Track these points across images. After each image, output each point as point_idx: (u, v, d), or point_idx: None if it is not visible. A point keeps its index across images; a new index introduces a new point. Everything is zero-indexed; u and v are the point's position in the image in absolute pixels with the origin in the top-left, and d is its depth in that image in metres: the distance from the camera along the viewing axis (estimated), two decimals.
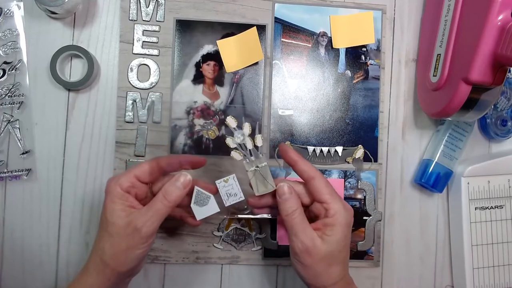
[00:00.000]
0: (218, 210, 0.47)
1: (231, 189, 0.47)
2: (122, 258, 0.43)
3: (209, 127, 0.47)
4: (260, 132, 0.47)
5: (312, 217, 0.48)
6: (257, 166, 0.47)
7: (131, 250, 0.43)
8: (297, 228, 0.44)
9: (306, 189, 0.48)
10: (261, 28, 0.58)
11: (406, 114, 0.61)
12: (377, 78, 0.60)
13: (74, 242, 0.55)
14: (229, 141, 0.47)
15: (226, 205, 0.47)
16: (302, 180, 0.48)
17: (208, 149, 0.57)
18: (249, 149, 0.47)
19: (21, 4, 0.55)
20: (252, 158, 0.47)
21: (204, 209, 0.46)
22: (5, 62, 0.55)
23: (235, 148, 0.47)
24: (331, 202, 0.45)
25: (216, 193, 0.47)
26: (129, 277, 0.46)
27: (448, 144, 0.59)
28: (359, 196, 0.59)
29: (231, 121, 0.47)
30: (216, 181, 0.46)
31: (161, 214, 0.44)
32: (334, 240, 0.44)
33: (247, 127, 0.47)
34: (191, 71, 0.57)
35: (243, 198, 0.47)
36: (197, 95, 0.57)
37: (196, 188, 0.46)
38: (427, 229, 0.61)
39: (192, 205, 0.46)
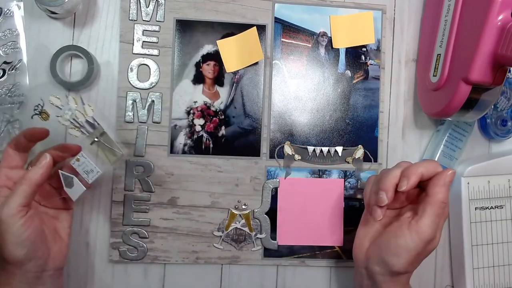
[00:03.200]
0: (84, 189, 0.48)
1: (86, 166, 0.48)
2: (4, 248, 0.44)
3: (36, 109, 0.48)
4: (84, 103, 0.48)
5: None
6: (97, 137, 0.48)
7: (5, 238, 0.43)
8: (431, 215, 0.46)
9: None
10: (261, 28, 0.58)
11: (406, 114, 0.61)
12: (377, 78, 0.60)
13: (74, 242, 0.55)
14: (61, 120, 0.47)
15: (90, 183, 0.48)
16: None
17: (208, 149, 0.57)
18: (84, 122, 0.47)
19: (21, 4, 0.55)
20: (91, 130, 0.48)
21: (74, 190, 0.48)
22: (5, 62, 0.55)
23: (73, 127, 0.47)
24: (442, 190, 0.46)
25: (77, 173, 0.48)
26: (40, 271, 0.46)
27: (448, 144, 0.59)
28: (359, 196, 0.59)
29: (54, 100, 0.47)
30: (70, 163, 0.48)
31: (21, 194, 0.44)
32: (438, 226, 0.47)
33: (72, 101, 0.48)
34: (191, 71, 0.57)
35: (100, 171, 0.48)
36: (197, 95, 0.57)
37: (59, 172, 0.47)
38: None
39: (65, 188, 0.48)
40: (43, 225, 0.47)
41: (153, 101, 0.57)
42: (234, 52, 0.58)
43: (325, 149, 0.59)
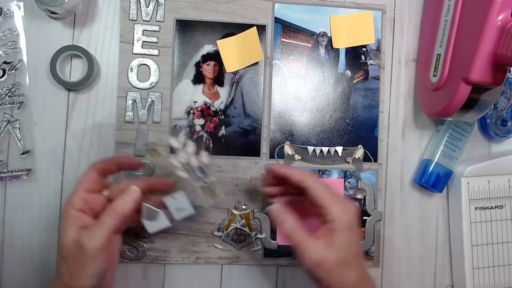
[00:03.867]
0: (170, 224, 0.47)
1: (179, 204, 0.48)
2: (78, 278, 0.42)
3: (151, 147, 0.48)
4: (205, 150, 0.48)
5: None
6: (205, 183, 0.48)
7: (84, 269, 0.42)
8: (301, 246, 0.44)
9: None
10: (261, 28, 0.58)
11: (406, 114, 0.61)
12: (377, 78, 0.60)
13: None
14: (174, 161, 0.47)
15: (175, 219, 0.48)
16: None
17: (208, 150, 0.57)
18: (196, 167, 0.47)
19: (21, 4, 0.55)
20: (200, 174, 0.47)
21: (155, 223, 0.47)
22: (5, 62, 0.55)
23: (183, 169, 0.47)
24: (329, 207, 0.44)
25: (165, 207, 0.48)
26: None
27: (448, 144, 0.59)
28: (359, 196, 0.59)
29: (173, 142, 0.48)
30: (163, 198, 0.47)
31: (107, 228, 0.43)
32: (340, 246, 0.44)
33: (190, 146, 0.47)
34: (191, 71, 0.57)
35: (193, 211, 0.48)
36: (197, 95, 0.57)
37: (144, 204, 0.47)
38: (427, 229, 0.61)
39: (142, 219, 0.47)
40: None
41: (153, 101, 0.57)
42: (234, 52, 0.58)
43: (325, 149, 0.59)
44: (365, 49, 0.60)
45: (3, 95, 0.55)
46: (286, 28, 0.59)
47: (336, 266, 0.43)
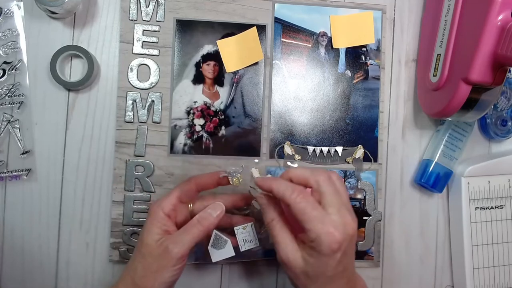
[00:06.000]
0: (234, 254, 0.48)
1: (247, 236, 0.48)
2: (151, 280, 0.43)
3: (234, 174, 0.49)
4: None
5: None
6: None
7: (161, 272, 0.43)
8: (276, 239, 0.44)
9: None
10: (261, 28, 0.59)
11: (406, 114, 0.61)
12: (377, 78, 0.60)
13: (74, 242, 0.55)
14: (253, 191, 0.49)
15: (241, 250, 0.48)
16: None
17: (208, 149, 0.57)
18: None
19: (21, 4, 0.55)
20: None
21: (221, 252, 0.48)
22: (5, 62, 0.55)
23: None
24: (310, 225, 0.40)
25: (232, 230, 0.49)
26: None
27: (448, 144, 0.59)
28: (359, 196, 0.59)
29: (254, 172, 0.51)
30: (234, 227, 0.48)
31: (193, 237, 0.44)
32: (315, 264, 0.41)
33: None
34: (191, 71, 0.57)
35: (258, 245, 0.48)
36: (197, 95, 0.57)
37: (214, 231, 0.47)
38: (427, 229, 0.61)
39: (209, 247, 0.47)
40: None
41: (153, 101, 0.57)
42: (234, 52, 0.58)
43: (325, 149, 0.59)
44: (365, 49, 0.60)
45: (3, 95, 0.55)
46: (286, 28, 0.59)
47: (302, 274, 0.42)
